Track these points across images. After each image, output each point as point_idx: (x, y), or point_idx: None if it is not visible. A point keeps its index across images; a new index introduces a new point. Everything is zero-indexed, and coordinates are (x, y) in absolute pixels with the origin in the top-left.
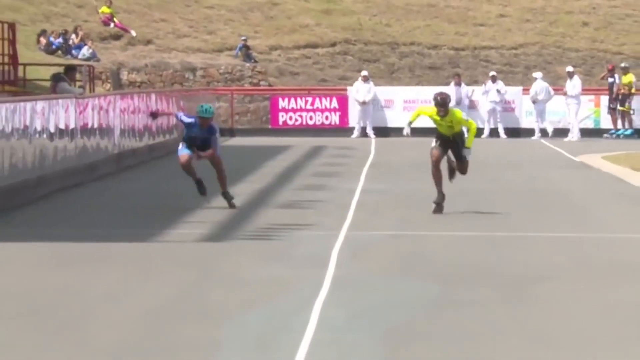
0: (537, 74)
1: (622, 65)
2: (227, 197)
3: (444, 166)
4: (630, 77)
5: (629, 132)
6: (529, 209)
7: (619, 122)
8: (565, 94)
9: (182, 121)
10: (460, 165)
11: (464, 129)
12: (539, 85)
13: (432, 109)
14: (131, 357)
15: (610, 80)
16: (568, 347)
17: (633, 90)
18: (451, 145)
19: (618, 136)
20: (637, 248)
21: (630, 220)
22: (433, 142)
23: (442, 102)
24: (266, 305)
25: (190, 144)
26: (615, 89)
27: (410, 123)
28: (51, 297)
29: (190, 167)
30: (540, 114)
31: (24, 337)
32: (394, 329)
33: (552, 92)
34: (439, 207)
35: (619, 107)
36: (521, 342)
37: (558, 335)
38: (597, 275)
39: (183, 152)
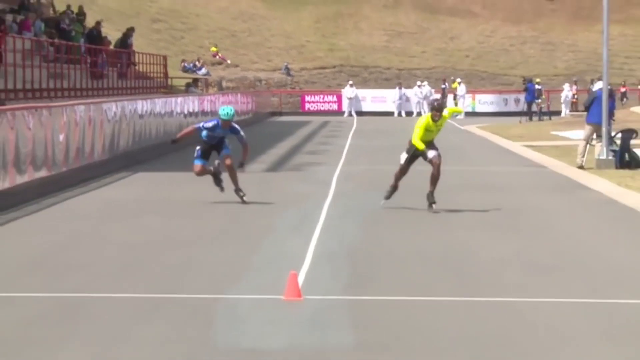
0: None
1: (452, 78)
2: (239, 194)
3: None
4: (455, 84)
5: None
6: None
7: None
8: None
9: (206, 128)
10: (435, 162)
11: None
12: (426, 89)
13: (426, 119)
14: (236, 233)
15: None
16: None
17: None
18: (429, 146)
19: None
20: (492, 175)
21: (493, 158)
22: (402, 159)
23: (438, 107)
24: (298, 206)
25: (206, 146)
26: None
27: (417, 150)
28: None
29: (205, 172)
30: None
31: None
32: (367, 218)
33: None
34: (387, 199)
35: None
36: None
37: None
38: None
39: (197, 162)
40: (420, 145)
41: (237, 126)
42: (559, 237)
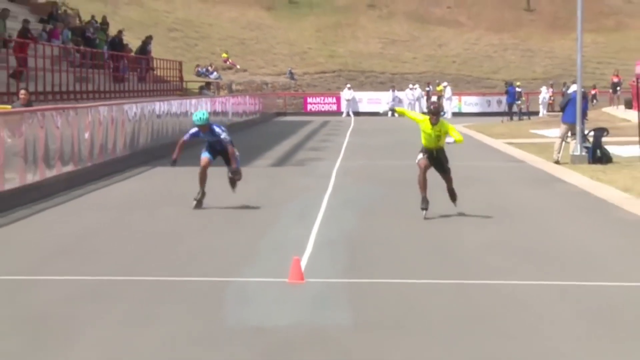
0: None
1: (437, 81)
2: (233, 183)
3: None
4: (440, 87)
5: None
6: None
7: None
8: (442, 95)
9: (192, 135)
10: (446, 177)
11: (449, 140)
12: (418, 91)
13: (424, 118)
14: (250, 217)
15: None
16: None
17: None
18: (435, 161)
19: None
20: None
21: (477, 154)
22: (420, 155)
23: (435, 111)
24: (302, 197)
25: (211, 149)
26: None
27: (395, 112)
28: None
29: (206, 174)
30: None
31: None
32: (364, 209)
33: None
34: (425, 209)
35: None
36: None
37: None
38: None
39: (204, 154)
40: (406, 113)
41: (217, 128)
42: (538, 225)
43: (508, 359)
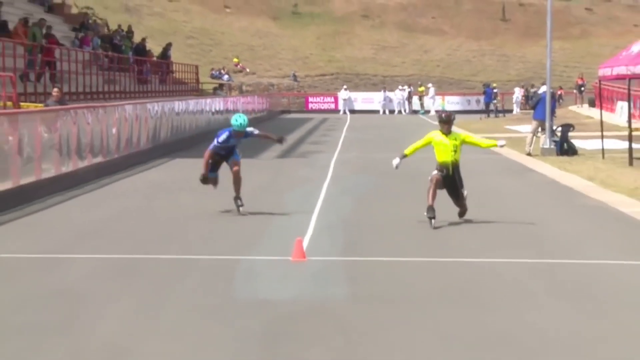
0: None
1: (419, 83)
2: (237, 203)
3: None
4: (422, 88)
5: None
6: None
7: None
8: (424, 95)
9: (220, 143)
10: (459, 203)
11: (501, 144)
12: (405, 93)
13: (434, 132)
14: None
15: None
16: None
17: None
18: (450, 182)
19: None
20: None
21: None
22: (434, 172)
23: (446, 119)
24: (304, 185)
25: (217, 157)
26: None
27: (405, 157)
28: None
29: (210, 182)
30: (422, 105)
31: None
32: (359, 196)
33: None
34: (432, 218)
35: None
36: None
37: None
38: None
39: (211, 175)
40: (410, 149)
41: (249, 130)
42: (513, 209)
43: (484, 326)
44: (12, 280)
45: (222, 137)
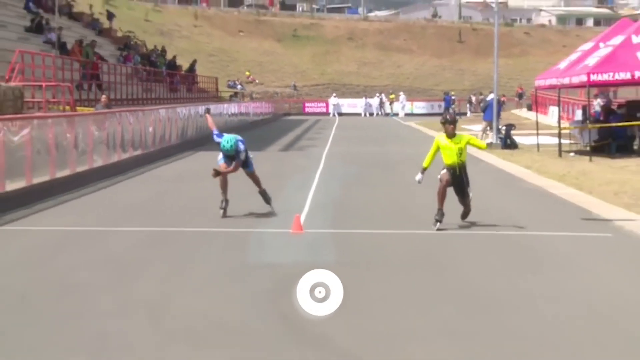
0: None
1: (390, 91)
2: (265, 197)
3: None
4: (392, 95)
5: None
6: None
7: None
8: (393, 101)
9: (217, 143)
10: (464, 202)
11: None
12: (382, 98)
13: (439, 137)
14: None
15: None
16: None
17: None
18: (457, 181)
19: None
20: None
21: (422, 141)
22: (443, 170)
23: (451, 120)
24: (301, 173)
25: (227, 157)
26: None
27: (424, 170)
28: None
29: (226, 180)
30: (400, 108)
31: None
32: (346, 181)
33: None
34: (440, 222)
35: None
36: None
37: None
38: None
39: (221, 162)
40: (427, 161)
41: (241, 147)
42: None
43: (444, 284)
44: (70, 248)
45: (216, 138)
